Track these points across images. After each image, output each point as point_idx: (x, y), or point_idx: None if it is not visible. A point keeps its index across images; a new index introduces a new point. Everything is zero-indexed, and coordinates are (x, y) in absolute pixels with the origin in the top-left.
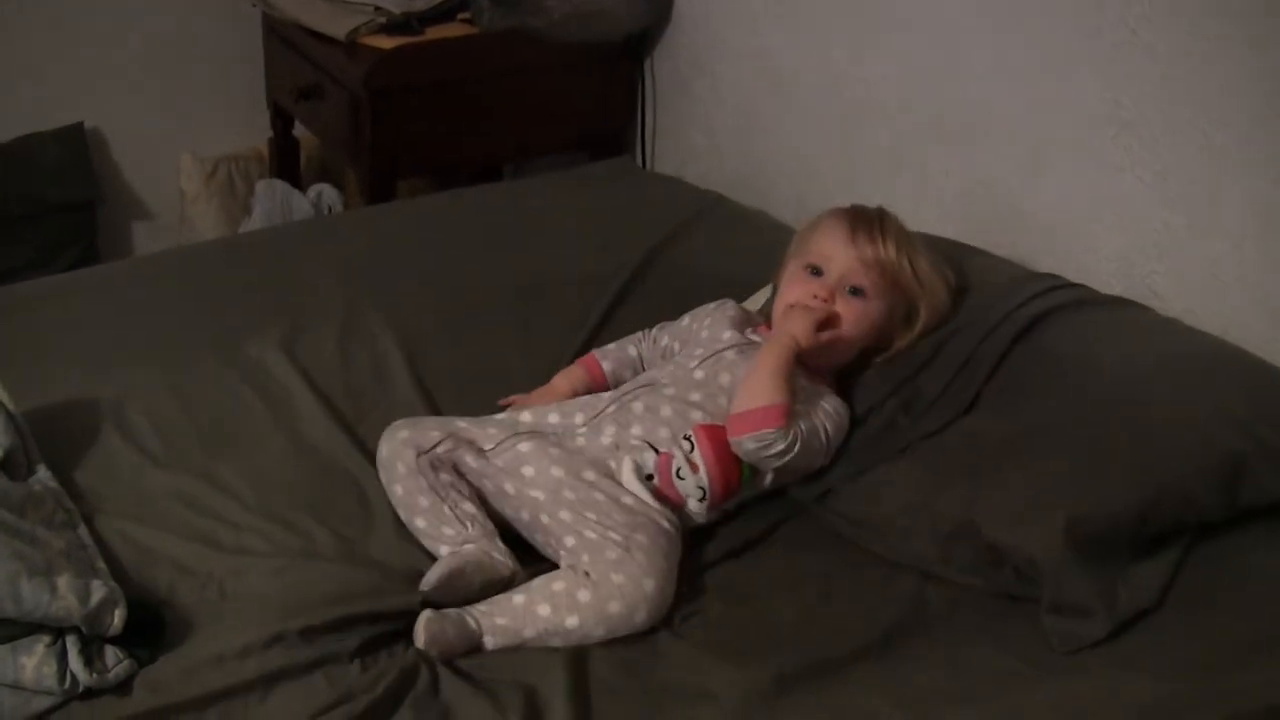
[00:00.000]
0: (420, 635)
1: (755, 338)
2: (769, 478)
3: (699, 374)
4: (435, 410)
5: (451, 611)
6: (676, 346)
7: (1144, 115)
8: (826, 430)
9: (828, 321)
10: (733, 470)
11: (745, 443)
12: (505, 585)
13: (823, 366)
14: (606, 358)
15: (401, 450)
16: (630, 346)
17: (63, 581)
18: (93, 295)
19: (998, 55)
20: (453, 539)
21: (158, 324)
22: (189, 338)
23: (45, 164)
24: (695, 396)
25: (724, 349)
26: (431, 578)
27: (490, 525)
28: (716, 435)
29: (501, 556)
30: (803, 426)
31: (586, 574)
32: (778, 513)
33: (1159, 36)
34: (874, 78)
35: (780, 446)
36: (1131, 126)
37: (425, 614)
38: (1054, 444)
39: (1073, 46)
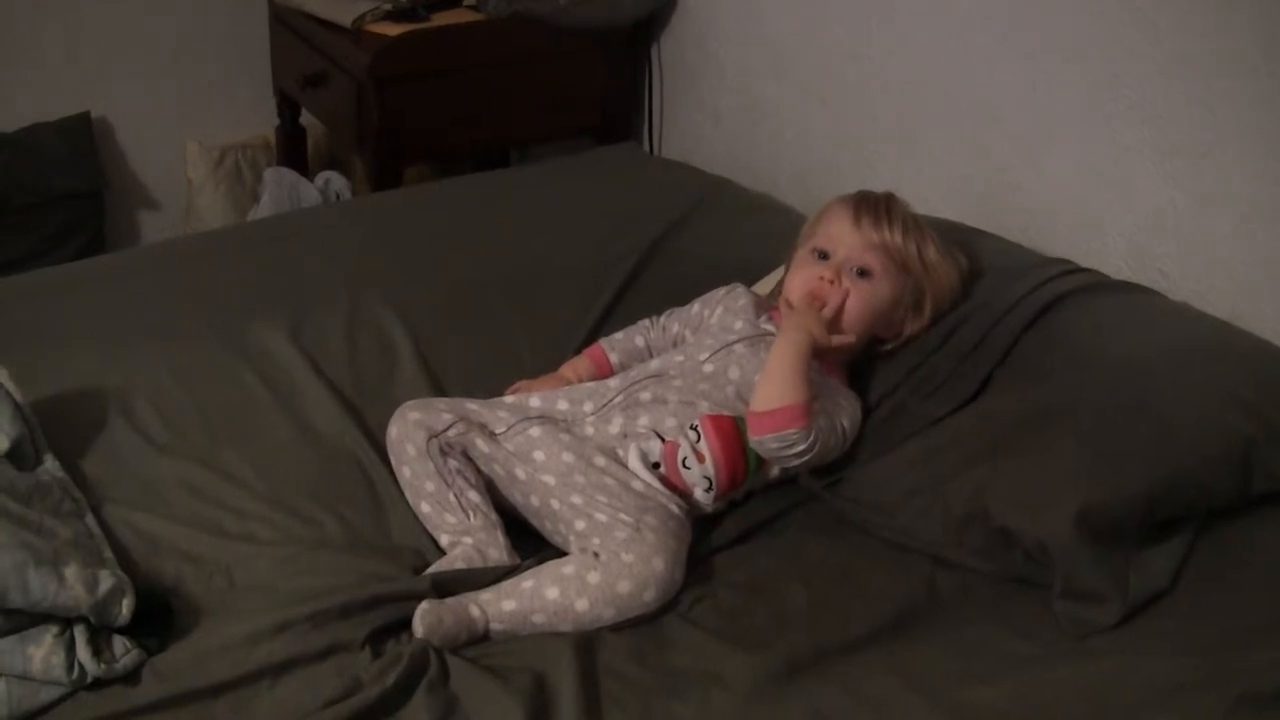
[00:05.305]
0: (418, 626)
1: (768, 326)
2: (776, 469)
3: (708, 367)
4: (443, 397)
5: (451, 600)
6: (688, 334)
7: (1149, 94)
8: (843, 426)
9: (837, 319)
10: (739, 461)
11: (768, 442)
12: (506, 574)
13: (834, 356)
14: (614, 349)
15: (412, 432)
16: (638, 336)
17: (70, 571)
18: (99, 284)
19: (1001, 35)
20: (454, 528)
21: (165, 313)
22: (196, 326)
23: (51, 154)
24: (703, 387)
25: (734, 341)
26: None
27: (494, 516)
28: (723, 426)
29: (499, 552)
30: (822, 424)
31: (596, 555)
32: (787, 499)
33: (1162, 14)
34: (878, 59)
35: (802, 447)
36: (1137, 106)
37: (423, 604)
38: (1065, 429)
39: (1077, 24)
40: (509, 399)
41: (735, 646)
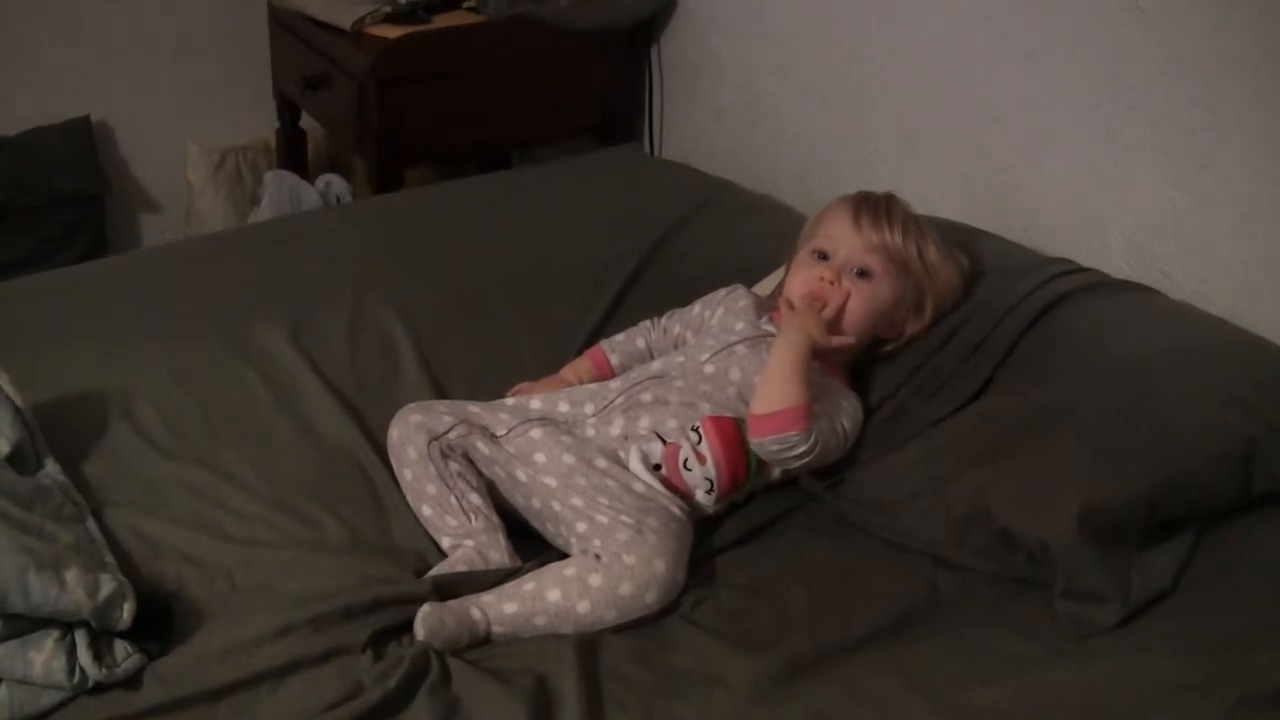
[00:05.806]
0: (420, 629)
1: (769, 327)
2: (777, 470)
3: (709, 368)
4: (444, 399)
5: (453, 603)
6: (689, 335)
7: (1149, 94)
8: (845, 427)
9: (837, 320)
10: (740, 463)
11: (768, 444)
12: (508, 577)
13: (835, 357)
14: (615, 350)
15: (413, 434)
16: (639, 338)
17: (71, 575)
18: (100, 287)
19: (1001, 35)
20: (455, 530)
21: (166, 315)
22: (197, 328)
23: (52, 157)
24: (704, 389)
25: (736, 342)
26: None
27: (496, 519)
28: (724, 427)
29: (500, 554)
30: (823, 426)
31: (597, 557)
32: (788, 500)
33: (1165, 14)
34: (878, 59)
35: (802, 448)
36: (1137, 106)
37: (424, 607)
38: (1067, 430)
39: (1077, 24)
40: (510, 401)
41: (737, 648)
